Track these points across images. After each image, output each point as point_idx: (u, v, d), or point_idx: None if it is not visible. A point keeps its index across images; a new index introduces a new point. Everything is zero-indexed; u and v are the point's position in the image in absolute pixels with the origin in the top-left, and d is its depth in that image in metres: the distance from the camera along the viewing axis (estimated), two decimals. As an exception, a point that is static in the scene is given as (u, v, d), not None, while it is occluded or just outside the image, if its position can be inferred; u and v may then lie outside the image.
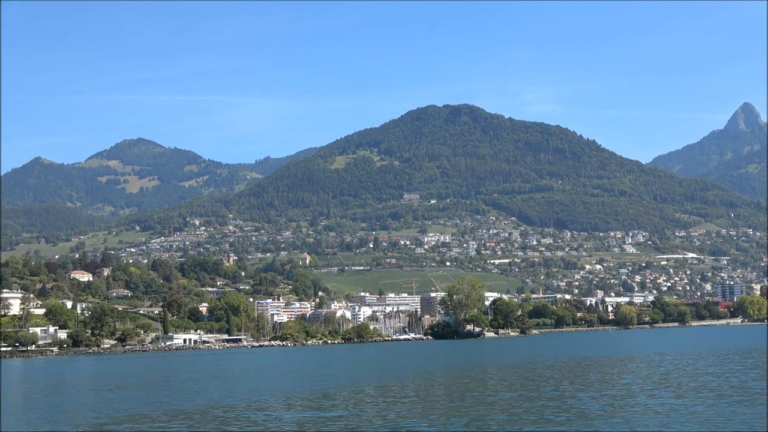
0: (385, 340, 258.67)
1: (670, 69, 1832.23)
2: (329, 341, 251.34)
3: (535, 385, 60.91)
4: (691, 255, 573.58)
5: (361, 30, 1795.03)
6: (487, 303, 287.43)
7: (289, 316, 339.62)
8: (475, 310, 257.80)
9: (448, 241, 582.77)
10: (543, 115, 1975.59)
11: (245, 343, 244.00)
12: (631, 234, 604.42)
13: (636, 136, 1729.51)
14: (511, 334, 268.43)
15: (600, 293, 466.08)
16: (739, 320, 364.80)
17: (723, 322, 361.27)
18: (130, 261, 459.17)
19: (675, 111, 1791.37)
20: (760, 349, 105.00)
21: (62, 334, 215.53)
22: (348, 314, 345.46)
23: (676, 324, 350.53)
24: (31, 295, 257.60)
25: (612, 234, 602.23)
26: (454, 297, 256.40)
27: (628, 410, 43.77)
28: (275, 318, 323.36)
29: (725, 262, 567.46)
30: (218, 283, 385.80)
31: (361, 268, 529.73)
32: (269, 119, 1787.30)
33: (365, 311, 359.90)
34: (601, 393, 53.29)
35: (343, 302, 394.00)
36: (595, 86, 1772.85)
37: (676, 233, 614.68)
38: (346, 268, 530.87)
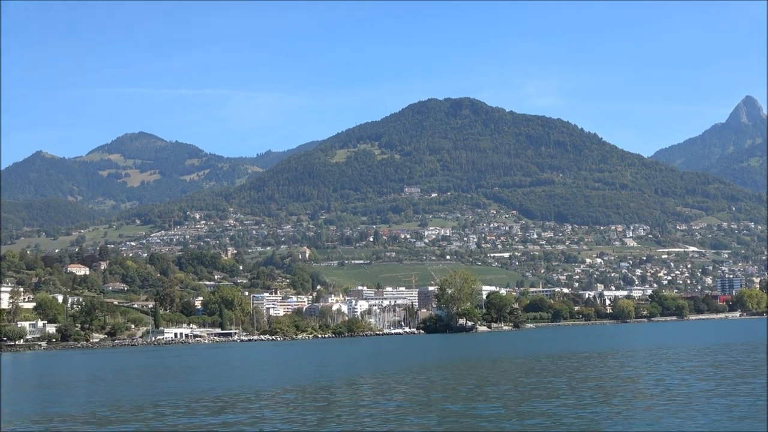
0: (377, 334, 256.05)
1: (672, 62, 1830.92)
2: (319, 335, 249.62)
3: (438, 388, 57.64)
4: (692, 248, 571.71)
5: (362, 24, 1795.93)
6: (485, 296, 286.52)
7: (286, 310, 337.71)
8: (468, 303, 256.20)
9: (448, 234, 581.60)
10: (544, 109, 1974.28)
11: (236, 337, 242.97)
12: (632, 227, 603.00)
13: (638, 129, 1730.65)
14: (504, 328, 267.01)
15: (600, 287, 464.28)
16: (737, 314, 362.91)
17: (721, 315, 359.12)
18: (130, 255, 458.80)
19: (677, 104, 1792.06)
20: (735, 347, 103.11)
21: (51, 329, 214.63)
22: (344, 308, 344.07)
23: (674, 318, 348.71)
24: (21, 289, 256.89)
25: (613, 227, 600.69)
26: (447, 291, 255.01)
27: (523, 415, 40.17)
28: (271, 312, 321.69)
29: (726, 255, 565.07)
30: (216, 276, 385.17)
31: (361, 261, 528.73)
32: (270, 113, 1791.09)
33: (362, 305, 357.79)
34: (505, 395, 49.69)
35: (341, 296, 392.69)
36: (597, 79, 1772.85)
37: (677, 227, 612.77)
38: (346, 261, 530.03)
